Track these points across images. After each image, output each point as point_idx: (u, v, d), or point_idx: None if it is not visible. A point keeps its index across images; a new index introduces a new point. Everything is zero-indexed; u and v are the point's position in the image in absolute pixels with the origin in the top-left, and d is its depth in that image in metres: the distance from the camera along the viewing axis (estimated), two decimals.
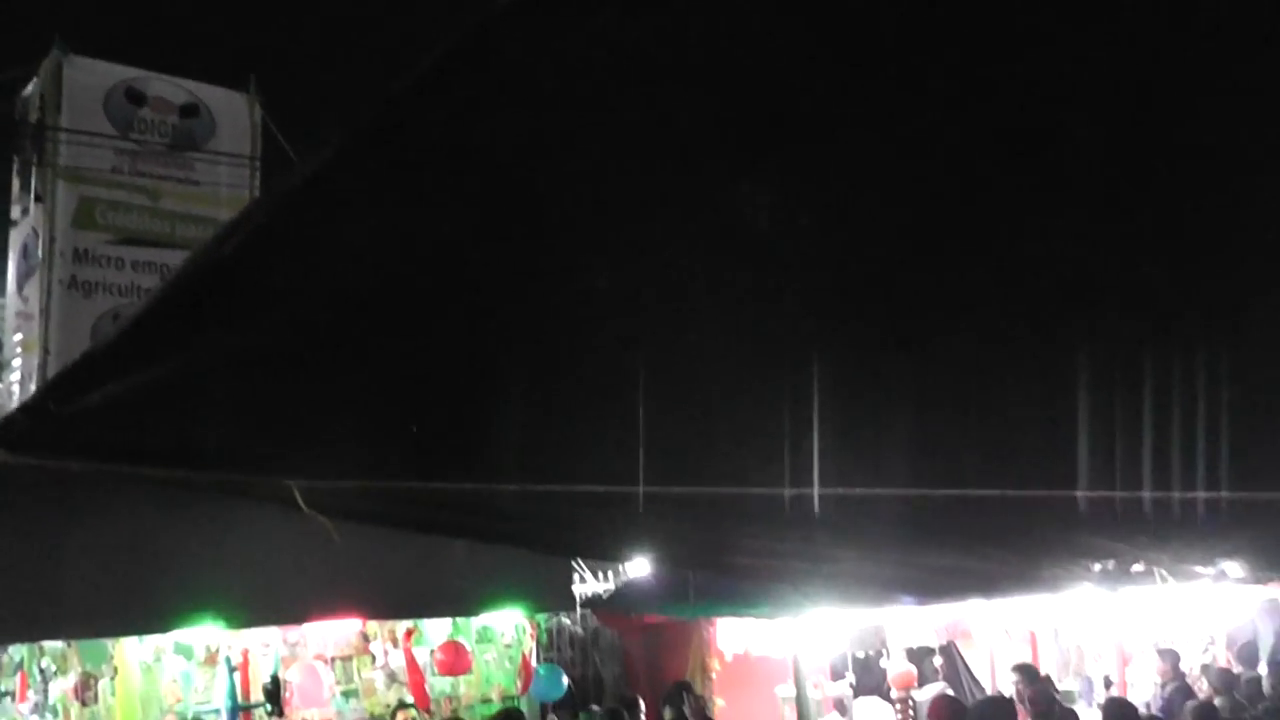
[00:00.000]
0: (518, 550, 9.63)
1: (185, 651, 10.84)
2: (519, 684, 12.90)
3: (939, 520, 6.19)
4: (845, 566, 7.62)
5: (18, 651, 10.53)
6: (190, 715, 10.87)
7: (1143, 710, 12.53)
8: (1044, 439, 3.65)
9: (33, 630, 8.87)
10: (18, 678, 10.61)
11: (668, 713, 10.90)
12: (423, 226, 3.11)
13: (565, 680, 12.94)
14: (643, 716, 11.11)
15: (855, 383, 3.21)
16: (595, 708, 12.17)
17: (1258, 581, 12.71)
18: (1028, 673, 11.81)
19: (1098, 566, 7.74)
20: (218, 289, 3.09)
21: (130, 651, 9.70)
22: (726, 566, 7.91)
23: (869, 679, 14.87)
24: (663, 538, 6.41)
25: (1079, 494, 3.83)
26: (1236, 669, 15.90)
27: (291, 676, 10.95)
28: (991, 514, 6.15)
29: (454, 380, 3.49)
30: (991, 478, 3.85)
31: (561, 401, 3.51)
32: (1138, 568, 7.99)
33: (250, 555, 8.63)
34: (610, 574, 13.96)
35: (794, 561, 7.43)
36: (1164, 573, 8.32)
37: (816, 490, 3.59)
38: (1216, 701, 12.90)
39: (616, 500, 4.42)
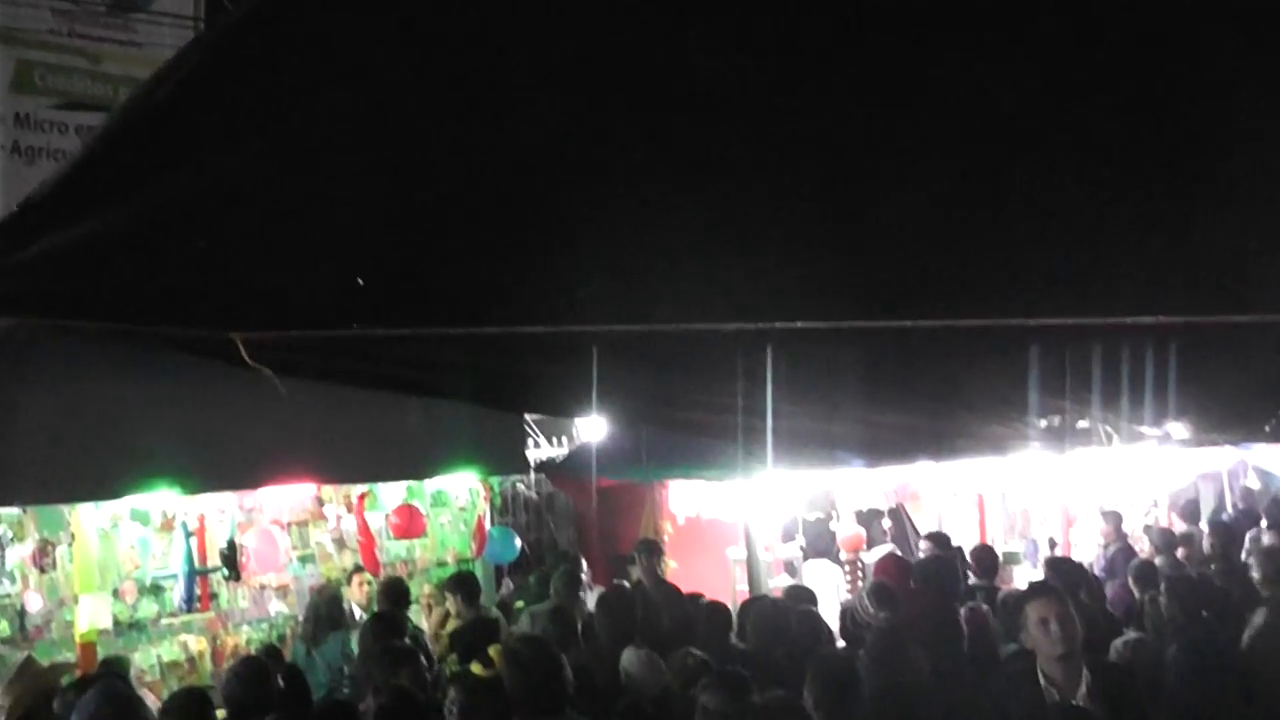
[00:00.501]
0: (470, 412, 9.70)
1: (142, 518, 10.87)
2: (473, 547, 13.00)
3: (887, 375, 6.28)
4: (795, 423, 7.70)
5: None
6: (148, 581, 10.93)
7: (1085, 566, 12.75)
8: (993, 268, 3.67)
9: None
10: None
11: (620, 573, 11.06)
12: (361, 70, 3.07)
13: (518, 543, 13.06)
14: (585, 577, 11.21)
15: (796, 218, 3.22)
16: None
17: (1201, 444, 12.91)
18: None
19: (1044, 423, 7.86)
20: (153, 137, 3.05)
21: (87, 518, 9.68)
22: (677, 422, 7.97)
23: (819, 542, 15.09)
24: (612, 390, 6.46)
25: (1027, 322, 3.87)
26: (1177, 529, 16.18)
27: (248, 541, 11.00)
28: (940, 369, 6.24)
29: (398, 227, 3.47)
30: (939, 311, 3.88)
31: (506, 247, 3.51)
32: (1083, 424, 8.11)
33: (205, 421, 8.59)
34: (564, 439, 14.06)
35: (744, 418, 7.50)
36: (1109, 430, 8.44)
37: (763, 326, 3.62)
38: (1157, 561, 13.13)
39: (564, 347, 4.45)
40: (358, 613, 10.75)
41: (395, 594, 10.62)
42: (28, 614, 10.28)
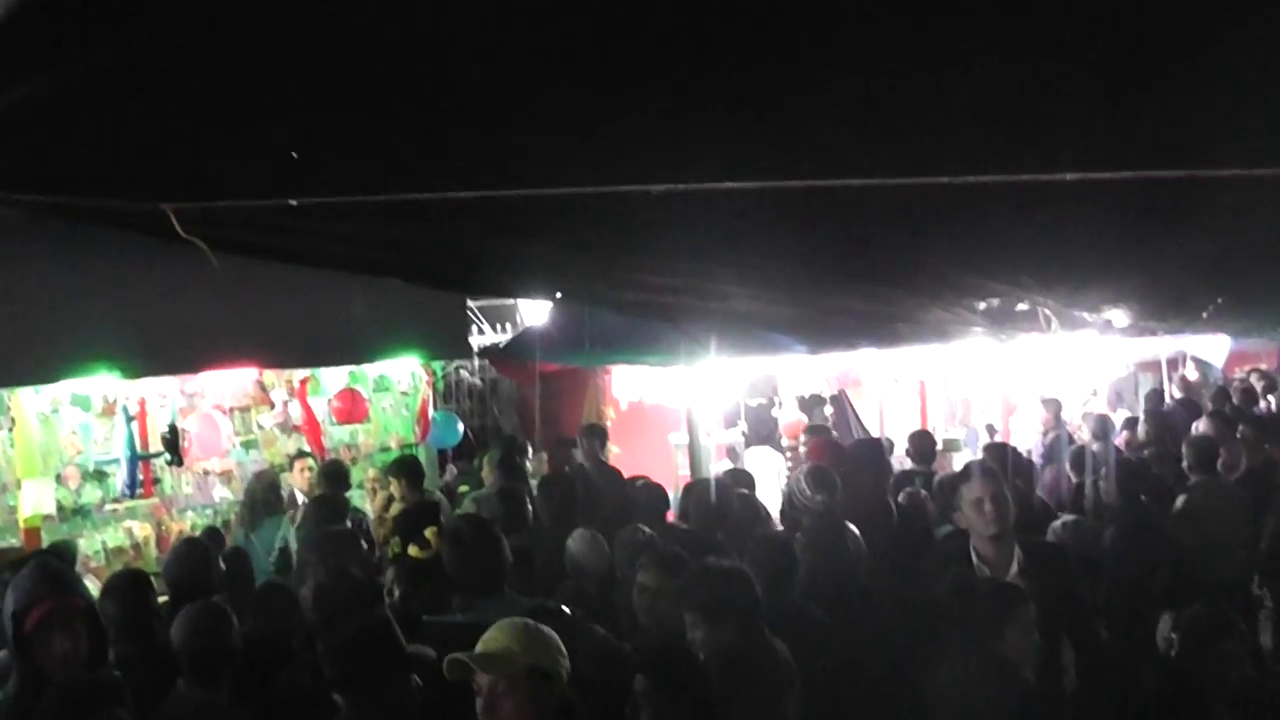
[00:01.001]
0: (413, 297, 9.65)
1: (82, 403, 10.83)
2: (417, 432, 13.06)
3: (830, 255, 6.27)
4: (736, 305, 7.70)
5: None
6: (91, 466, 10.91)
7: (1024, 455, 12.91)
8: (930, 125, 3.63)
9: None
10: None
11: (562, 456, 11.12)
12: None
13: (461, 427, 13.12)
14: (529, 464, 11.29)
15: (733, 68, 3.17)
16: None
17: (1141, 333, 13.02)
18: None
19: (983, 305, 7.87)
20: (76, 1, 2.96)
21: (27, 403, 9.64)
22: (618, 302, 7.94)
23: (761, 428, 15.19)
24: (552, 268, 6.44)
25: (960, 179, 3.85)
26: (1114, 414, 16.43)
27: (189, 426, 10.97)
28: (881, 251, 6.24)
29: (334, 96, 3.41)
30: (874, 169, 3.85)
31: (434, 112, 3.46)
32: (1023, 307, 8.13)
33: (144, 304, 8.53)
34: (508, 326, 14.07)
35: (685, 298, 7.50)
36: (1048, 313, 8.47)
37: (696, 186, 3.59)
38: (1094, 447, 13.31)
39: (503, 221, 4.42)
40: (300, 498, 10.75)
41: (336, 477, 10.66)
42: None
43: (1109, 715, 6.09)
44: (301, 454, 11.48)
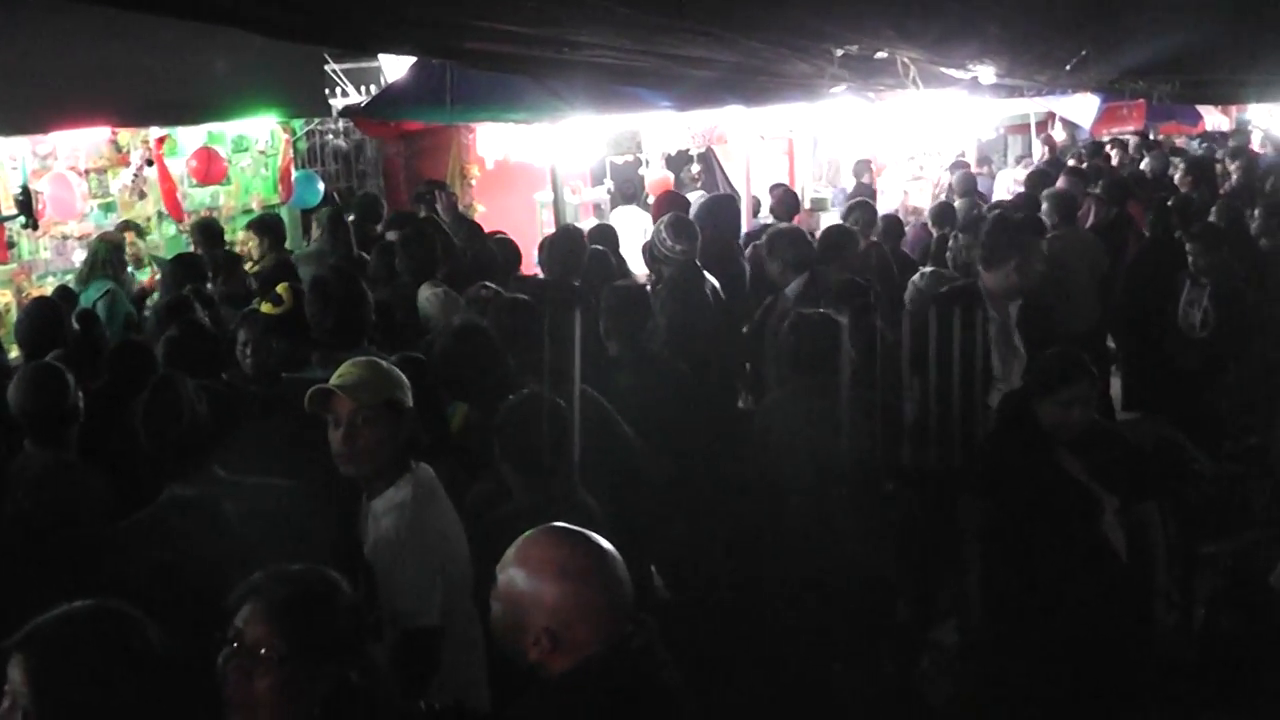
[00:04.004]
0: (270, 54, 9.44)
1: None
2: (280, 192, 12.90)
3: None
4: (594, 56, 7.60)
5: None
6: None
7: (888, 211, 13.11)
8: None
9: None
10: None
11: (420, 210, 11.01)
12: None
13: (321, 186, 12.97)
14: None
15: None
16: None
17: (1010, 93, 13.13)
18: None
19: (840, 52, 7.85)
20: None
21: None
22: (474, 55, 7.82)
23: (627, 186, 15.20)
24: (405, 14, 6.30)
25: None
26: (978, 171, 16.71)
27: (42, 188, 10.72)
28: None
29: None
30: None
31: None
32: (881, 55, 8.14)
33: None
34: (373, 89, 13.84)
35: (541, 50, 7.39)
36: (907, 62, 8.50)
37: None
38: (957, 203, 13.57)
39: None
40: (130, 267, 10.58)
41: (210, 234, 10.60)
42: None
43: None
44: (129, 226, 11.24)
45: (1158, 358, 9.64)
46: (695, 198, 12.60)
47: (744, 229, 11.83)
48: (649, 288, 8.13)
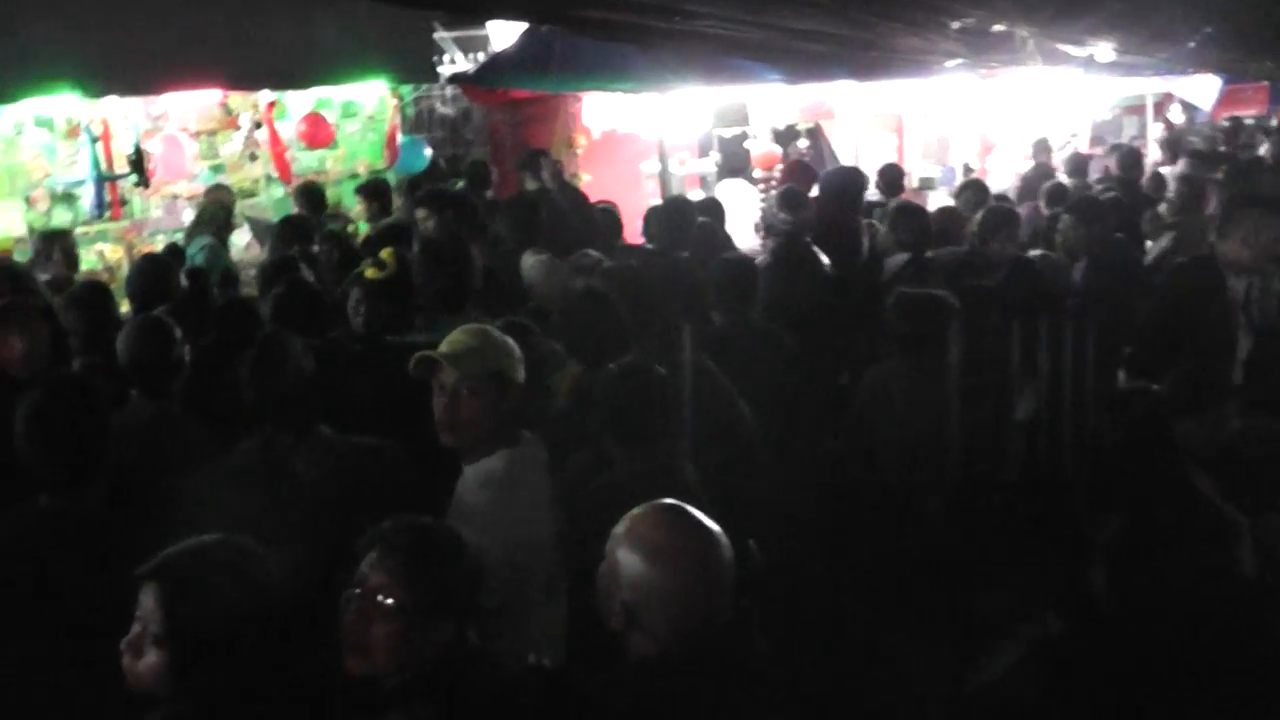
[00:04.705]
0: (379, 20, 9.53)
1: (46, 124, 10.76)
2: (385, 157, 12.97)
3: None
4: (704, 25, 7.54)
5: None
6: (59, 189, 10.87)
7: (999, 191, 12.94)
8: None
9: None
10: None
11: (526, 179, 11.00)
12: None
13: (428, 151, 12.99)
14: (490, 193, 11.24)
15: None
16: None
17: (1128, 71, 12.89)
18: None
19: (956, 25, 7.74)
20: None
21: None
22: (586, 22, 7.78)
23: (734, 159, 15.10)
24: None
25: None
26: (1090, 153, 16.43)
27: (153, 148, 10.89)
28: None
29: None
30: None
31: None
32: (999, 28, 8.01)
33: (104, 22, 8.35)
34: (480, 56, 13.88)
35: (654, 19, 7.33)
36: (1025, 36, 8.36)
37: None
38: (1068, 183, 13.35)
39: None
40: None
41: (311, 199, 10.67)
42: None
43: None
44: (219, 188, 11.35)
45: None
46: None
47: None
48: (757, 260, 8.07)
